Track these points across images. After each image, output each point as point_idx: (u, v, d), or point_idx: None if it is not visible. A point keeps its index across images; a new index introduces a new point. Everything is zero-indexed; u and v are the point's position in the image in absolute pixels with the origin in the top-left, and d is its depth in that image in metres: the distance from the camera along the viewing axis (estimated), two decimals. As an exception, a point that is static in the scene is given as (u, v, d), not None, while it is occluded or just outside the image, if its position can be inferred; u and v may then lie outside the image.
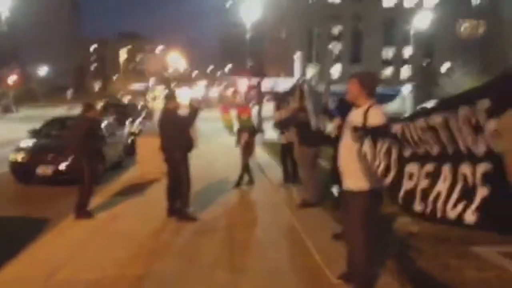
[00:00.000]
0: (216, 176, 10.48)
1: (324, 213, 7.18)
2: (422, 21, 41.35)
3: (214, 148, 15.05)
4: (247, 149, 9.50)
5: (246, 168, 9.57)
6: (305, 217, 7.00)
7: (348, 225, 4.39)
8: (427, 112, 2.62)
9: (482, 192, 2.19)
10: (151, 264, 5.16)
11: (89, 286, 4.60)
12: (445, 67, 50.11)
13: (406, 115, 3.97)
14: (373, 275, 4.36)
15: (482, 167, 2.18)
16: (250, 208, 8.11)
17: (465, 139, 2.24)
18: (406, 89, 24.45)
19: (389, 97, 22.05)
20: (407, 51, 59.47)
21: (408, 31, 46.72)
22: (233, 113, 9.92)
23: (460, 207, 2.35)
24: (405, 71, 60.62)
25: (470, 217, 2.26)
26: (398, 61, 62.00)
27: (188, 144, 7.27)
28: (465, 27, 62.78)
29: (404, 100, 22.62)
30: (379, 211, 4.29)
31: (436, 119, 2.44)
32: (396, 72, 61.56)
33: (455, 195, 2.41)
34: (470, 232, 4.94)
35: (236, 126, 9.80)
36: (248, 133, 9.49)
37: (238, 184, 9.45)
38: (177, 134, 7.09)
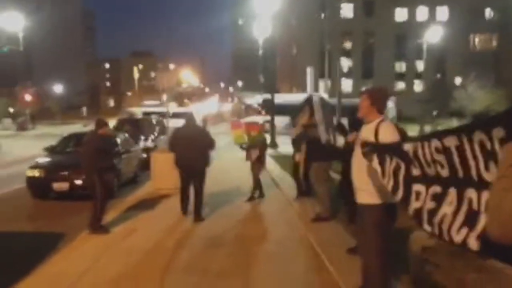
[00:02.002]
0: (229, 190, 10.49)
1: (338, 227, 7.15)
2: (434, 35, 41.29)
3: (226, 162, 15.09)
4: (258, 164, 9.54)
5: (257, 183, 9.59)
6: (319, 231, 6.97)
7: (363, 239, 4.37)
8: (442, 134, 2.61)
9: (484, 220, 2.16)
10: (165, 279, 5.17)
11: (104, 300, 4.62)
12: (458, 80, 49.87)
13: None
14: (389, 289, 4.31)
15: (487, 195, 2.15)
16: (264, 222, 8.10)
17: (478, 164, 2.22)
18: (391, 101, 24.59)
19: None
20: (420, 65, 59.34)
21: (421, 45, 46.68)
22: (242, 130, 10.08)
23: (464, 232, 2.32)
24: (418, 85, 60.40)
25: (473, 243, 2.23)
26: (411, 75, 61.83)
27: (207, 158, 8.05)
28: (478, 41, 62.59)
29: (388, 111, 22.36)
30: (394, 225, 4.26)
31: (452, 141, 2.42)
32: (409, 86, 61.32)
33: (459, 219, 2.38)
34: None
35: (246, 142, 9.89)
36: (259, 148, 9.52)
37: (251, 198, 9.49)
38: (198, 148, 7.83)
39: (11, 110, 52.73)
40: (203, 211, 8.11)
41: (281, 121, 22.60)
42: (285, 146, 11.07)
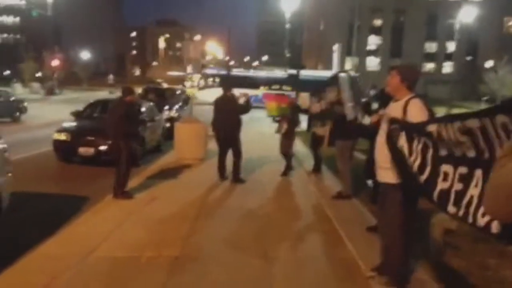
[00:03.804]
0: (252, 164, 10.51)
1: (359, 205, 7.14)
2: (467, 16, 40.03)
3: (252, 136, 15.08)
4: (287, 138, 9.51)
5: (289, 156, 9.63)
6: (340, 208, 6.98)
7: (383, 218, 4.36)
8: (464, 116, 2.56)
9: None
10: (186, 246, 5.26)
11: (126, 264, 4.73)
12: (489, 63, 48.56)
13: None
14: (408, 270, 4.31)
15: None
16: (284, 197, 8.12)
17: (502, 145, 2.18)
18: (373, 90, 24.54)
19: None
20: (451, 46, 57.86)
21: (452, 26, 45.34)
22: (274, 102, 10.05)
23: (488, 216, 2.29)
24: (448, 67, 59.08)
25: (496, 226, 2.20)
26: (440, 56, 60.44)
27: (239, 125, 8.77)
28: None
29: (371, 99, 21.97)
30: (416, 205, 4.23)
31: (474, 123, 2.38)
32: (439, 67, 60.04)
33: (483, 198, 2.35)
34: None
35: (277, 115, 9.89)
36: (287, 121, 9.48)
37: (286, 170, 9.54)
38: (232, 116, 8.62)
39: (38, 74, 53.50)
40: (242, 173, 8.79)
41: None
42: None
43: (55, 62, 49.35)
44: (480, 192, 2.41)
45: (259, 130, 16.33)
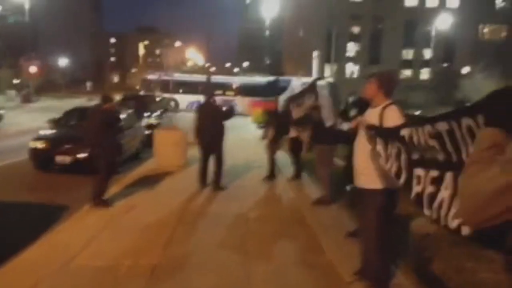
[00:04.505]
0: (234, 170, 10.49)
1: (338, 211, 7.18)
2: (443, 23, 40.81)
3: (235, 142, 15.07)
4: (273, 144, 9.61)
5: (272, 162, 9.73)
6: (320, 214, 7.01)
7: (363, 223, 4.39)
8: (434, 119, 2.63)
9: None
10: (165, 254, 5.22)
11: (105, 273, 4.67)
12: (465, 70, 49.52)
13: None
14: (387, 275, 4.35)
15: None
16: (264, 203, 8.13)
17: (468, 149, 2.23)
18: (296, 82, 25.00)
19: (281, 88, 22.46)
20: (428, 53, 58.79)
21: (429, 33, 46.11)
22: (259, 108, 10.13)
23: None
24: (425, 73, 60.00)
25: (466, 229, 2.24)
26: (418, 63, 61.36)
27: (223, 132, 8.72)
28: (487, 30, 61.90)
29: (292, 92, 22.17)
30: (395, 210, 4.28)
31: (443, 126, 2.45)
32: (416, 74, 60.92)
33: (456, 205, 2.40)
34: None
35: (263, 121, 9.99)
36: (274, 128, 9.58)
37: (268, 177, 9.65)
38: (216, 123, 8.59)
39: (15, 81, 52.60)
40: (223, 181, 8.76)
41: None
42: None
43: (32, 69, 48.58)
44: (451, 194, 2.46)
45: (243, 136, 16.34)
